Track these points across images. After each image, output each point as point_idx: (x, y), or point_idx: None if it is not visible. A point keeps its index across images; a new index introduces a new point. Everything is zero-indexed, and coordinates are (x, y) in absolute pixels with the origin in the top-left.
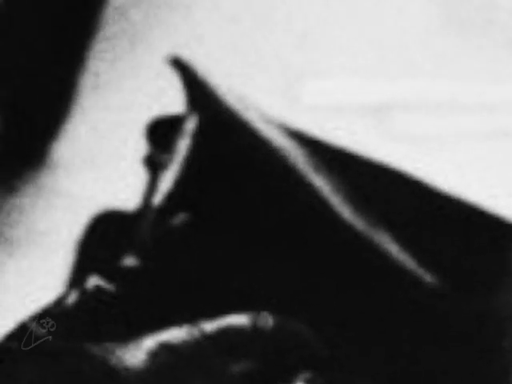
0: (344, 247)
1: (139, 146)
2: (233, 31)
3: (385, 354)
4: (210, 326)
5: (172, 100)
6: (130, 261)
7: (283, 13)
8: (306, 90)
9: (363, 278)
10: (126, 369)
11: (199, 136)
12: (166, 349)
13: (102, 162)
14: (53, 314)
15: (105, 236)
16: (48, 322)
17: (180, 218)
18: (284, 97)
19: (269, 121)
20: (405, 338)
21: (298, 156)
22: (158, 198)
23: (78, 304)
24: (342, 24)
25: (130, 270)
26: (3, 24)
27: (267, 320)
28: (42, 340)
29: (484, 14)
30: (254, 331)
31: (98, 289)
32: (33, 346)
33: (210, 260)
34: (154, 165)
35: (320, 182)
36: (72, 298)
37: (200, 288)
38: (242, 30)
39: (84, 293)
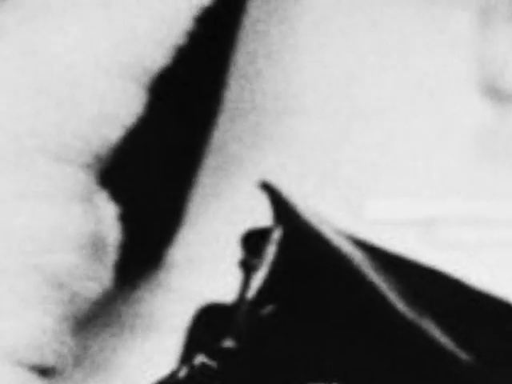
0: (398, 332)
1: (236, 252)
2: (311, 159)
3: None
4: None
5: (262, 216)
6: (228, 343)
7: (355, 146)
8: (367, 208)
9: (414, 356)
10: None
11: (283, 244)
12: None
13: (206, 264)
14: None
15: (208, 323)
16: None
17: (268, 309)
18: (350, 212)
19: (338, 232)
20: None
21: (361, 260)
22: (250, 294)
23: (188, 377)
24: (394, 157)
25: (229, 351)
26: (125, 152)
27: None
28: None
29: None
30: None
31: (203, 365)
32: None
33: (292, 342)
34: (248, 267)
35: (379, 281)
36: (183, 372)
37: (285, 364)
38: (318, 159)
39: (192, 368)
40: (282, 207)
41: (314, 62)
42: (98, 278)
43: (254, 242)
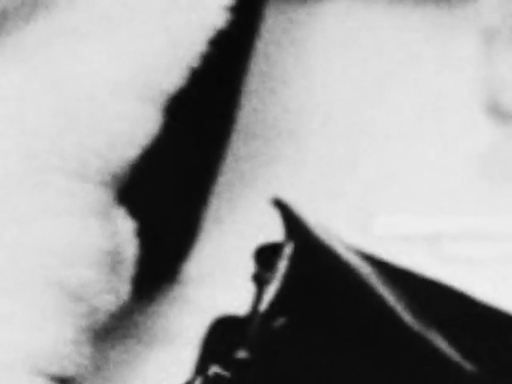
0: (405, 343)
1: (249, 266)
2: (321, 176)
3: None
4: None
5: (274, 231)
6: (242, 354)
7: (363, 164)
8: (376, 224)
9: (420, 366)
10: None
11: (295, 258)
12: None
13: (220, 278)
14: None
15: (223, 335)
16: None
17: (280, 321)
18: (359, 228)
19: (347, 247)
20: None
21: (370, 273)
22: (263, 306)
23: None
24: (401, 175)
25: (242, 361)
26: (141, 170)
27: None
28: None
29: None
30: None
31: (217, 375)
32: None
33: (303, 353)
34: (260, 281)
35: (387, 294)
36: (197, 382)
37: (296, 375)
38: (328, 176)
39: (207, 378)
40: (293, 223)
41: (325, 82)
42: (116, 292)
43: (266, 256)
